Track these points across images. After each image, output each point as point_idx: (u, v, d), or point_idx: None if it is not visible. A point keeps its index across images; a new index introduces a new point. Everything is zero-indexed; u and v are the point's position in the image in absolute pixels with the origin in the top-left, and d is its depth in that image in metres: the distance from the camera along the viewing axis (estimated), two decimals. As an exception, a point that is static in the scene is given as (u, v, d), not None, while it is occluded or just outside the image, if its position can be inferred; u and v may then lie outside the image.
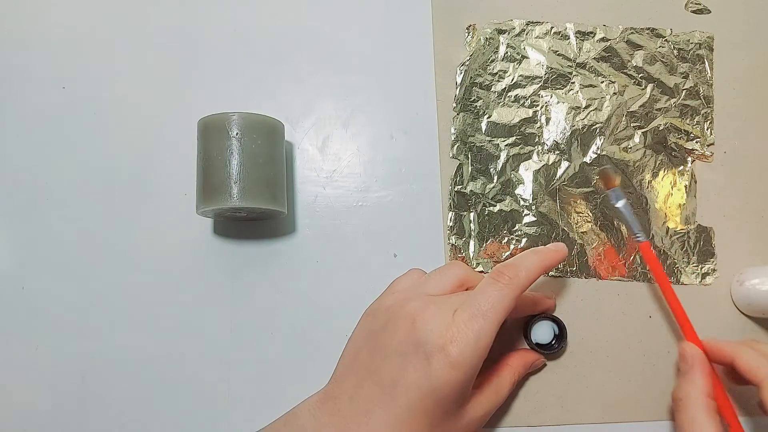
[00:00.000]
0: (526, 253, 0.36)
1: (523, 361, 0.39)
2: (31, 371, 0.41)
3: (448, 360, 0.30)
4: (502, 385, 0.37)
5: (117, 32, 0.46)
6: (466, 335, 0.31)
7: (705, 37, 0.47)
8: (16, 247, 0.43)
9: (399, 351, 0.32)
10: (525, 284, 0.34)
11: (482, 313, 0.32)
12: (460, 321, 0.31)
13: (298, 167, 0.45)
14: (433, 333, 0.31)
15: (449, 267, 0.37)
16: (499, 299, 0.32)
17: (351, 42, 0.46)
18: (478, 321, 0.31)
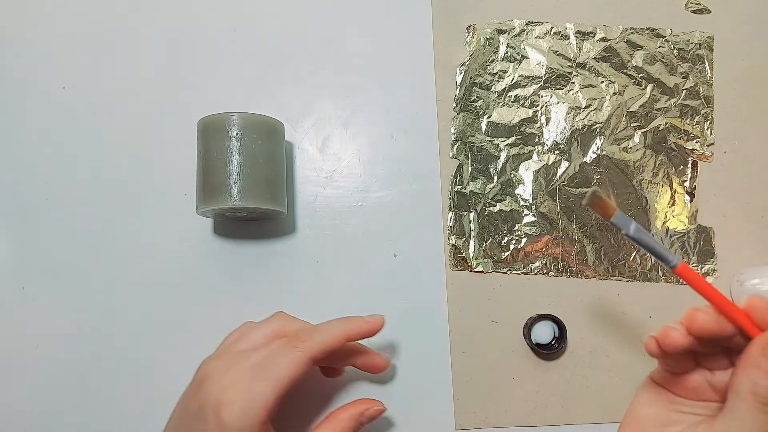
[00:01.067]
0: (334, 321, 0.35)
1: (347, 414, 0.36)
2: (31, 371, 0.41)
3: (219, 423, 0.30)
4: None
5: (117, 32, 0.46)
6: (241, 398, 0.31)
7: (705, 37, 0.47)
8: (16, 247, 0.43)
9: (191, 413, 0.32)
10: (318, 351, 0.33)
11: (264, 376, 0.31)
12: (242, 383, 0.31)
13: (298, 167, 0.45)
14: (212, 395, 0.31)
15: (270, 320, 0.37)
16: (286, 364, 0.32)
17: (351, 42, 0.46)
18: (258, 385, 0.31)
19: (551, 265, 0.43)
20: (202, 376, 0.33)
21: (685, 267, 0.30)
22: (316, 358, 0.33)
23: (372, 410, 0.37)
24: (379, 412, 0.37)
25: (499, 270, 0.43)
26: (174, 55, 0.46)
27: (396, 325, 0.42)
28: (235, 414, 0.30)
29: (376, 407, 0.37)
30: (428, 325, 0.42)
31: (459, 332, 0.42)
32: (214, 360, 0.34)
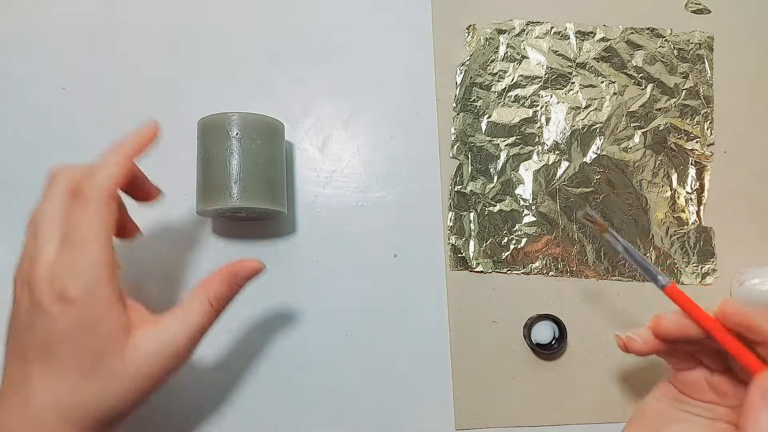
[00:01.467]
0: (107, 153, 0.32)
1: (219, 276, 0.33)
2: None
3: (60, 301, 0.28)
4: (189, 310, 0.31)
5: (117, 32, 0.46)
6: (69, 270, 0.28)
7: (705, 37, 0.47)
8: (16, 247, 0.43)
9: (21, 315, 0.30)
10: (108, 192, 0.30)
11: (78, 242, 0.29)
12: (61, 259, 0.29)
13: (298, 167, 0.45)
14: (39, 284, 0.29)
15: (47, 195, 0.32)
16: (90, 223, 0.29)
17: (351, 42, 0.46)
18: (75, 252, 0.29)
19: (551, 265, 0.43)
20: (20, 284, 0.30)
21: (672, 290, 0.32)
22: (112, 197, 0.30)
23: (246, 270, 0.33)
24: (254, 270, 0.33)
25: (499, 270, 0.43)
26: (174, 55, 0.46)
27: (396, 326, 0.42)
28: (72, 284, 0.28)
29: (251, 265, 0.33)
30: (428, 325, 0.42)
31: (459, 332, 0.42)
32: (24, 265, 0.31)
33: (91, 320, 0.28)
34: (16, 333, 0.30)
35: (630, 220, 0.44)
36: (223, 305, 0.33)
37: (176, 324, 0.31)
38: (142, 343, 0.29)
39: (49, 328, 0.28)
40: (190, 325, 0.31)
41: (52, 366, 0.28)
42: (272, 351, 0.42)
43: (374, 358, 0.42)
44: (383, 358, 0.42)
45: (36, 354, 0.29)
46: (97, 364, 0.28)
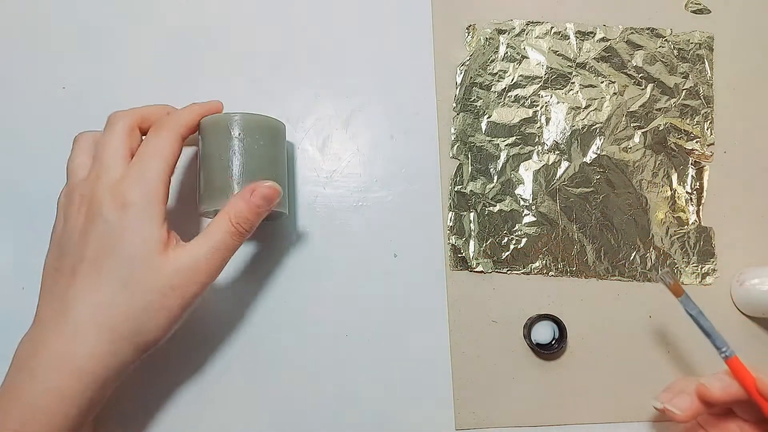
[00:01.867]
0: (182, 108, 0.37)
1: (241, 197, 0.35)
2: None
3: (120, 204, 0.32)
4: (214, 230, 0.34)
5: (117, 32, 0.46)
6: (133, 177, 0.33)
7: (705, 37, 0.47)
8: (16, 247, 0.43)
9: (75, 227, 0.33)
10: (183, 130, 0.36)
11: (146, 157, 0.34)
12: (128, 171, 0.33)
13: (298, 167, 0.45)
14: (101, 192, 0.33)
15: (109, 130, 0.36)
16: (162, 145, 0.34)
17: (351, 42, 0.46)
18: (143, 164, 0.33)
19: (551, 265, 0.43)
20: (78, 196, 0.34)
21: (735, 362, 0.32)
22: (184, 135, 0.36)
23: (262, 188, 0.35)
24: (271, 191, 0.36)
25: (499, 270, 0.43)
26: (174, 55, 0.46)
27: (396, 325, 0.42)
28: (134, 188, 0.32)
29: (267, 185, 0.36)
30: (428, 325, 0.42)
31: (459, 332, 0.42)
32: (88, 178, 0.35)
33: (142, 223, 0.32)
34: (65, 250, 0.33)
35: (630, 220, 0.44)
36: (245, 226, 0.35)
37: (203, 244, 0.34)
38: (173, 259, 0.33)
39: (104, 233, 0.32)
40: (215, 242, 0.34)
41: (97, 274, 0.32)
42: (272, 351, 0.42)
43: (374, 358, 0.42)
44: (383, 358, 0.42)
45: (84, 266, 0.32)
46: (133, 273, 0.32)
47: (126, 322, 0.32)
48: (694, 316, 0.35)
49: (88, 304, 0.31)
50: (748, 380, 0.32)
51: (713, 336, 0.34)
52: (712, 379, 0.33)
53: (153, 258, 0.32)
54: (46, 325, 0.32)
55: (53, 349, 0.31)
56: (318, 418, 0.41)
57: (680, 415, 0.33)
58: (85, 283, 0.32)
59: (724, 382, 0.33)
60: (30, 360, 0.32)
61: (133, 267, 0.32)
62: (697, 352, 0.42)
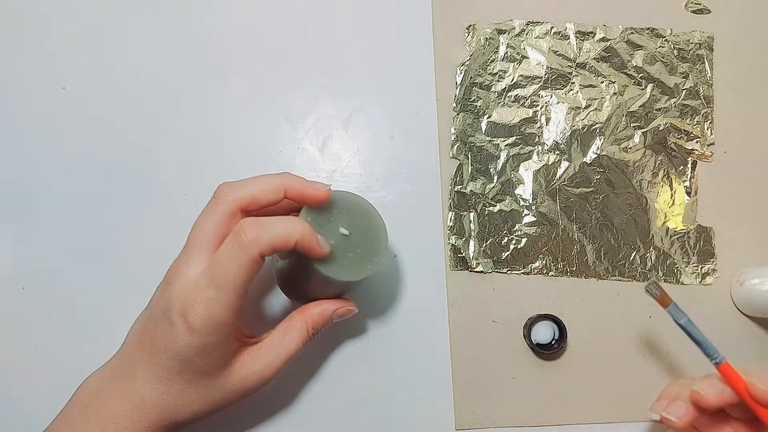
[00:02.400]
0: (284, 218, 0.32)
1: (319, 309, 0.36)
2: (31, 371, 0.41)
3: (187, 326, 0.31)
4: (288, 337, 0.35)
5: (117, 32, 0.46)
6: (201, 305, 0.31)
7: (705, 37, 0.47)
8: (16, 247, 0.43)
9: (155, 313, 0.33)
10: (267, 250, 0.31)
11: (216, 282, 0.30)
12: (200, 289, 0.31)
13: (298, 167, 0.45)
14: (174, 298, 0.31)
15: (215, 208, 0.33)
16: (234, 267, 0.30)
17: (351, 42, 0.46)
18: (213, 291, 0.30)
19: (551, 265, 0.43)
20: (168, 277, 0.33)
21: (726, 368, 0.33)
22: (262, 252, 0.31)
23: (343, 309, 0.36)
24: (349, 312, 0.37)
25: (499, 270, 0.43)
26: (174, 56, 0.46)
27: (396, 326, 0.42)
28: (201, 319, 0.30)
29: (348, 306, 0.37)
30: (428, 325, 0.42)
31: (459, 332, 0.42)
32: (179, 260, 0.33)
33: (206, 349, 0.31)
34: (149, 319, 0.33)
35: (630, 220, 0.44)
36: (316, 335, 0.36)
37: (277, 347, 0.34)
38: (247, 365, 0.33)
39: (171, 339, 0.31)
40: (288, 350, 0.35)
41: (167, 369, 0.32)
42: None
43: (374, 358, 0.42)
44: (383, 358, 0.42)
45: (157, 351, 0.32)
46: (204, 380, 0.32)
47: (185, 413, 0.33)
48: (682, 325, 0.35)
49: (155, 390, 0.32)
50: (740, 385, 0.32)
51: (703, 344, 0.34)
52: (704, 384, 0.33)
53: (224, 370, 0.33)
54: (117, 382, 0.33)
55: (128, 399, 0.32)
56: (318, 418, 0.41)
57: (678, 423, 0.33)
58: (156, 368, 0.32)
59: (717, 388, 0.33)
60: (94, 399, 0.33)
61: (201, 377, 0.32)
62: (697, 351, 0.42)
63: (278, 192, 0.33)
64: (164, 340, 0.31)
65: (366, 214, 0.35)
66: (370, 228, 0.35)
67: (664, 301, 0.36)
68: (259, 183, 0.33)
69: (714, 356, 0.33)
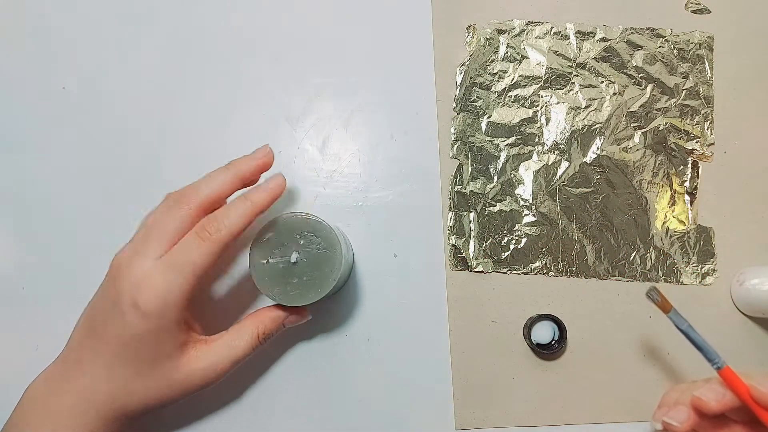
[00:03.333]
0: (235, 202, 0.35)
1: (271, 315, 0.37)
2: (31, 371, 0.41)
3: (138, 311, 0.32)
4: (239, 339, 0.36)
5: (117, 32, 0.46)
6: (156, 287, 0.32)
7: (705, 37, 0.47)
8: (16, 247, 0.43)
9: (104, 306, 0.34)
10: (228, 240, 0.34)
11: (176, 266, 0.32)
12: (155, 274, 0.32)
13: (298, 167, 0.45)
14: (126, 287, 0.32)
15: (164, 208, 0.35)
16: (197, 254, 0.33)
17: (351, 42, 0.46)
18: (171, 274, 0.32)
19: (551, 265, 0.43)
20: (114, 272, 0.34)
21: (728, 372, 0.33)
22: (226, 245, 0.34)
23: (293, 317, 0.38)
24: (299, 320, 0.38)
25: (499, 270, 0.43)
26: (174, 55, 0.46)
27: (396, 326, 0.42)
28: (153, 301, 0.32)
29: (300, 316, 0.38)
30: (428, 325, 0.42)
31: (459, 332, 0.42)
32: (125, 252, 0.34)
33: (157, 334, 0.32)
34: (97, 311, 0.34)
35: (630, 220, 0.44)
36: (267, 340, 0.37)
37: (225, 348, 0.35)
38: (194, 360, 0.34)
39: (121, 327, 0.32)
40: (236, 352, 0.36)
41: (116, 357, 0.33)
42: (272, 351, 0.42)
43: (374, 358, 0.42)
44: (383, 358, 0.42)
45: (107, 341, 0.33)
46: (152, 369, 0.33)
47: (132, 403, 0.34)
48: (683, 330, 0.35)
49: (104, 379, 0.33)
50: (742, 389, 0.32)
51: (704, 349, 0.34)
52: (705, 389, 0.33)
53: (172, 359, 0.34)
54: (69, 373, 0.34)
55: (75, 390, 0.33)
56: (318, 418, 0.41)
57: (680, 428, 0.33)
58: (106, 356, 0.33)
59: (718, 393, 0.33)
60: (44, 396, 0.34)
61: (150, 365, 0.33)
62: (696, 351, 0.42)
63: (234, 185, 0.36)
64: (115, 329, 0.32)
65: (324, 239, 0.36)
66: (324, 255, 0.36)
67: (665, 307, 0.36)
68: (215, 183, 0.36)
69: (715, 361, 0.33)
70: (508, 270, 0.43)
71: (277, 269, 0.35)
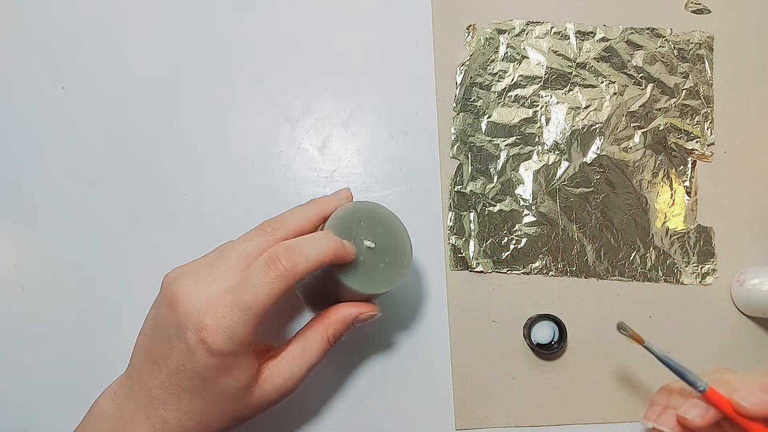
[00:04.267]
0: (315, 237, 0.32)
1: (340, 314, 0.34)
2: (31, 371, 0.41)
3: (205, 347, 0.29)
4: (308, 346, 0.34)
5: (117, 32, 0.46)
6: (221, 325, 0.29)
7: (705, 37, 0.47)
8: (16, 247, 0.43)
9: (166, 331, 0.31)
10: (302, 275, 0.31)
11: (243, 305, 0.30)
12: (220, 308, 0.30)
13: (298, 167, 0.45)
14: (190, 315, 0.30)
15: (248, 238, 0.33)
16: (266, 292, 0.30)
17: (351, 42, 0.46)
18: (236, 313, 0.30)
19: (551, 265, 0.43)
20: (173, 294, 0.31)
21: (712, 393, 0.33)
22: (297, 279, 0.31)
23: (366, 314, 0.35)
24: (372, 316, 0.35)
25: (499, 270, 0.43)
26: (174, 55, 0.46)
27: (396, 326, 0.42)
28: (220, 340, 0.29)
29: (371, 311, 0.35)
30: (428, 325, 0.42)
31: (459, 332, 0.42)
32: (185, 276, 0.32)
33: (228, 370, 0.30)
34: (156, 338, 0.32)
35: (630, 220, 0.44)
36: (338, 340, 0.35)
37: (297, 357, 0.33)
38: (268, 380, 0.32)
39: (188, 362, 0.30)
40: (309, 359, 0.33)
41: (184, 391, 0.30)
42: (272, 351, 0.42)
43: (374, 358, 0.42)
44: (383, 358, 0.42)
45: (173, 372, 0.31)
46: (225, 398, 0.31)
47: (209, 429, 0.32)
48: (661, 358, 0.35)
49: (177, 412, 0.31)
50: (726, 406, 0.32)
51: (685, 374, 0.34)
52: (688, 407, 0.33)
53: (245, 388, 0.31)
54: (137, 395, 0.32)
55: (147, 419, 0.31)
56: (318, 418, 0.41)
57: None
58: (172, 391, 0.31)
59: (701, 409, 0.33)
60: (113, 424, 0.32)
61: (221, 395, 0.31)
62: (696, 351, 0.42)
63: (319, 221, 0.34)
64: (180, 360, 0.30)
65: (389, 224, 0.35)
66: (394, 238, 0.35)
67: (639, 340, 0.36)
68: (303, 214, 0.34)
69: (697, 385, 0.33)
70: (508, 270, 0.43)
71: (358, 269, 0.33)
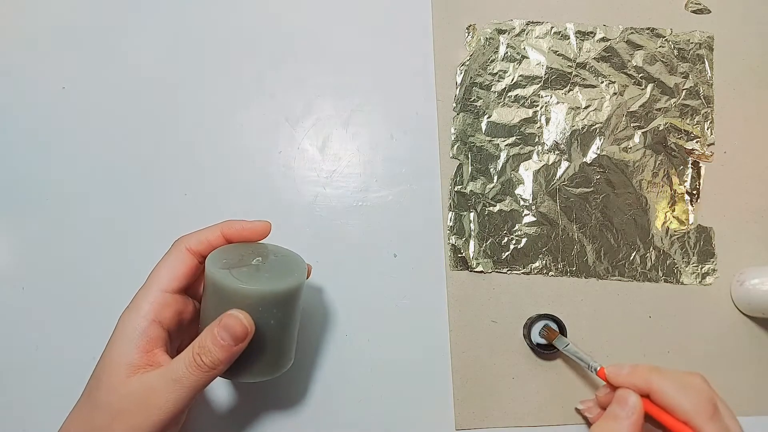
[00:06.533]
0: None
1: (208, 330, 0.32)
2: (31, 371, 0.41)
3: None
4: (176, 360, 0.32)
5: (117, 32, 0.46)
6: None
7: (705, 37, 0.47)
8: (16, 247, 0.43)
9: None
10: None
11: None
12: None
13: (298, 167, 0.45)
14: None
15: None
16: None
17: (351, 42, 0.46)
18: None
19: (551, 265, 0.43)
20: None
21: (603, 372, 0.36)
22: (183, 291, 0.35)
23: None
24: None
25: (499, 270, 0.43)
26: (174, 55, 0.46)
27: (396, 326, 0.42)
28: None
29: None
30: (428, 325, 0.42)
31: (459, 332, 0.42)
32: None
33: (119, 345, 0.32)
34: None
35: (630, 220, 0.44)
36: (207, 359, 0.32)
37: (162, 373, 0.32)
38: (132, 382, 0.31)
39: None
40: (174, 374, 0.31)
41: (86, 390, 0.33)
42: (272, 351, 0.42)
43: (374, 358, 0.42)
44: (383, 358, 0.42)
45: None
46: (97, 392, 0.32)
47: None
48: (564, 350, 0.39)
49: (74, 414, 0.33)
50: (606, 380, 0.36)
51: (582, 359, 0.38)
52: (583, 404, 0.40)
53: (113, 379, 0.31)
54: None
55: None
56: (318, 418, 0.41)
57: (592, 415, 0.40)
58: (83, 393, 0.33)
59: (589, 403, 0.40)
60: None
61: (97, 385, 0.32)
62: (696, 351, 0.42)
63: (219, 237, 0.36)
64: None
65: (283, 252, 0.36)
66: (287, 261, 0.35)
67: (551, 338, 0.40)
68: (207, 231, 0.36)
69: (591, 365, 0.37)
70: (508, 270, 0.43)
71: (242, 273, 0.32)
